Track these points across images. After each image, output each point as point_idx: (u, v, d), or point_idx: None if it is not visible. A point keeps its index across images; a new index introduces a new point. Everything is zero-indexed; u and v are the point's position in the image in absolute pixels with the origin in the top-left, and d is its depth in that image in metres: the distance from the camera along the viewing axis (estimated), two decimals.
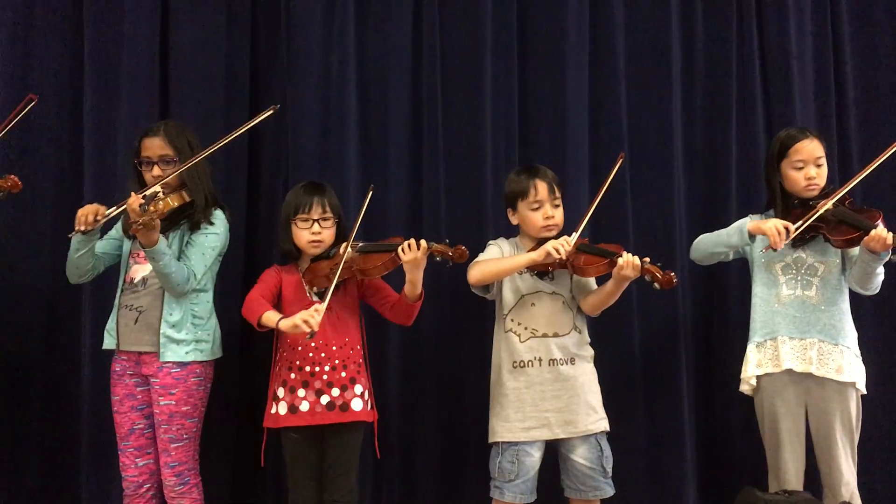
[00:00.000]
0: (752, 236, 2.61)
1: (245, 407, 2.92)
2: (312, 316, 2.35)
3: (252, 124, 2.64)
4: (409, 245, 2.45)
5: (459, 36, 3.12)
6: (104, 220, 2.46)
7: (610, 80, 3.17)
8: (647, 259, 2.52)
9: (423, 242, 2.45)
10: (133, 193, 2.36)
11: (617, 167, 2.73)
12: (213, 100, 2.99)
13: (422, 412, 3.02)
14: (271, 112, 2.60)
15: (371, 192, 2.59)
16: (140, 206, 2.29)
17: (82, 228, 2.43)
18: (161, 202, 2.38)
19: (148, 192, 2.37)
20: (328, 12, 3.04)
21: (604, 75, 3.17)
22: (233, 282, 2.85)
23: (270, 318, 2.43)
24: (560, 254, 2.49)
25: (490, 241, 2.77)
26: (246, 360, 2.93)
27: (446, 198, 3.07)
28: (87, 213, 2.44)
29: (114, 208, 2.46)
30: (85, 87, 2.94)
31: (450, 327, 3.02)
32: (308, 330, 2.34)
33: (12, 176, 2.36)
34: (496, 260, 2.64)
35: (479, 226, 3.04)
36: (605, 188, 2.69)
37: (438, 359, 3.04)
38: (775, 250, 2.54)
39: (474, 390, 2.96)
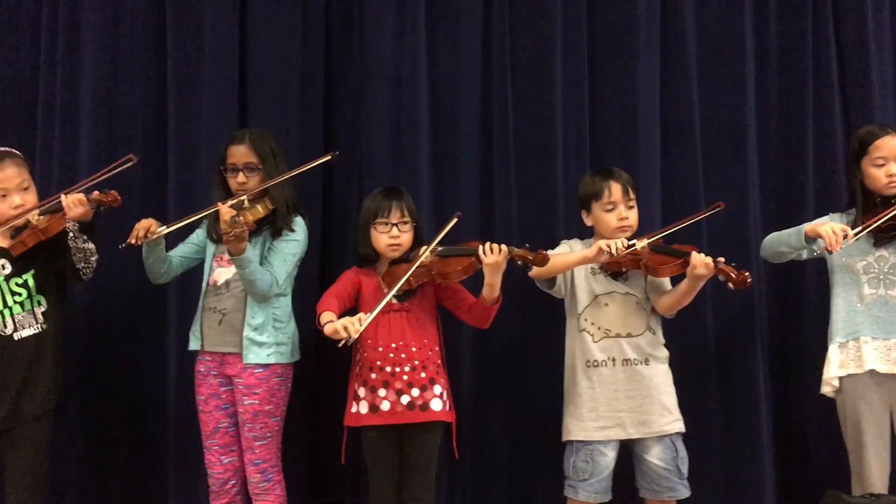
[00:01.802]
0: (810, 238, 2.58)
1: (320, 407, 3.00)
2: (353, 324, 2.35)
3: (310, 166, 2.74)
4: (489, 249, 2.49)
5: (529, 37, 3.13)
6: (157, 236, 2.53)
7: (682, 78, 3.15)
8: (722, 259, 2.51)
9: (503, 246, 2.48)
10: (220, 204, 2.44)
11: (711, 212, 2.75)
12: (289, 109, 3.06)
13: (493, 411, 3.05)
14: (329, 157, 2.72)
15: (456, 220, 2.62)
16: (231, 217, 2.36)
17: (132, 242, 2.51)
18: (250, 213, 2.46)
19: (235, 202, 2.44)
20: (399, 18, 3.09)
21: (675, 73, 3.16)
22: (309, 286, 2.91)
23: (324, 317, 2.47)
24: (612, 251, 2.49)
25: (563, 241, 2.79)
26: (321, 361, 3.00)
27: (518, 200, 3.09)
28: (141, 228, 2.51)
29: (164, 227, 2.55)
30: (168, 100, 3.05)
31: (520, 327, 3.04)
32: (344, 336, 2.34)
33: (113, 191, 2.46)
34: (554, 256, 2.66)
35: (550, 227, 3.05)
36: (692, 220, 2.72)
37: (509, 358, 3.06)
38: (830, 252, 2.50)
39: (545, 389, 2.99)
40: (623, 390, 2.60)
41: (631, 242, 2.57)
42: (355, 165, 3.09)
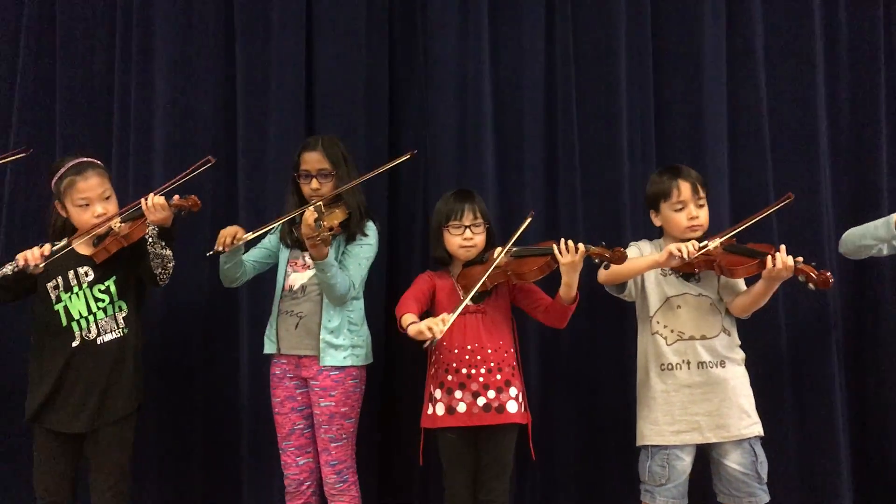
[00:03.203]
0: None
1: (389, 409, 3.02)
2: (437, 324, 2.36)
3: (391, 165, 2.78)
4: (565, 247, 2.48)
5: (592, 37, 3.13)
6: (241, 242, 2.57)
7: (749, 74, 3.11)
8: (801, 259, 2.46)
9: (580, 245, 2.48)
10: (306, 209, 2.47)
11: (782, 204, 2.69)
12: (355, 113, 3.10)
13: (561, 413, 3.04)
14: (409, 157, 2.73)
15: (530, 219, 2.62)
16: (315, 221, 2.39)
17: (220, 249, 2.55)
18: (330, 217, 2.48)
19: (314, 206, 2.47)
20: (463, 20, 3.11)
21: (742, 70, 3.12)
22: (377, 290, 2.94)
23: (405, 320, 2.48)
24: (683, 255, 2.46)
25: (632, 243, 2.76)
26: (391, 363, 3.02)
27: (583, 200, 3.09)
28: (227, 234, 2.55)
29: (250, 234, 2.59)
30: (237, 107, 3.10)
31: (588, 328, 3.02)
32: (429, 336, 2.34)
33: (193, 196, 2.51)
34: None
35: (616, 228, 3.03)
36: (762, 214, 2.67)
37: (576, 359, 3.05)
38: None
39: (614, 391, 2.99)
40: (699, 394, 2.56)
41: (703, 243, 2.53)
42: (420, 170, 3.10)
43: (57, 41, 3.10)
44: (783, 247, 2.47)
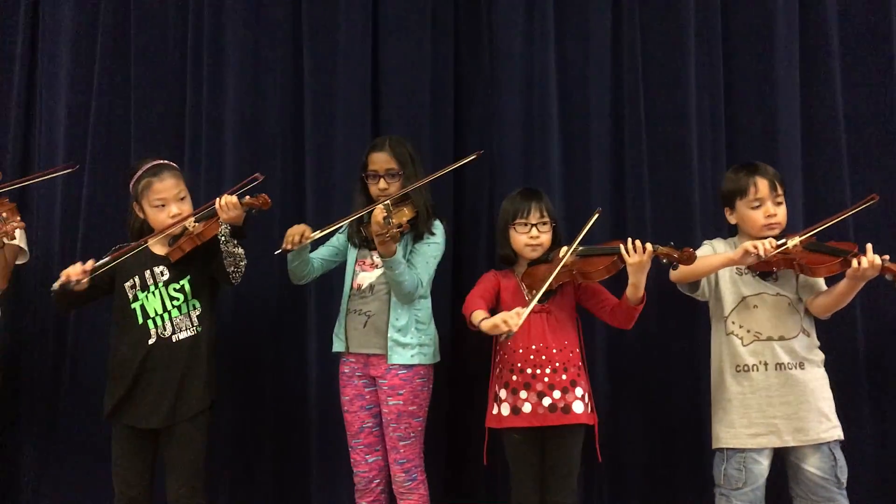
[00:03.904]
0: None
1: (454, 408, 3.01)
2: (512, 317, 2.35)
3: (458, 165, 2.78)
4: (633, 247, 2.44)
5: (660, 33, 3.08)
6: (309, 241, 2.60)
7: (823, 69, 3.03)
8: (887, 257, 2.38)
9: (647, 245, 2.44)
10: (378, 207, 2.48)
11: (865, 205, 2.62)
12: (421, 113, 3.10)
13: (629, 414, 3.00)
14: (475, 157, 2.73)
15: (597, 215, 2.59)
16: (384, 218, 2.41)
17: (288, 248, 2.57)
18: (398, 216, 2.49)
19: (382, 205, 2.49)
20: (528, 19, 3.09)
21: (816, 66, 3.04)
22: (442, 289, 2.93)
23: (477, 316, 2.47)
24: (760, 253, 2.39)
25: (705, 241, 2.71)
26: (455, 362, 3.02)
27: (651, 200, 3.04)
28: (295, 233, 2.58)
29: (318, 231, 2.61)
30: (305, 109, 3.14)
31: (658, 328, 2.97)
32: (506, 329, 2.34)
33: (263, 195, 2.54)
34: (698, 258, 2.58)
35: (686, 226, 2.98)
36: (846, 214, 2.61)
37: (645, 359, 3.00)
38: None
39: (685, 392, 2.94)
40: (777, 396, 2.49)
41: (781, 241, 2.46)
42: (486, 169, 3.09)
43: (131, 47, 3.18)
44: (869, 245, 2.39)
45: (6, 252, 2.68)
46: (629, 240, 2.48)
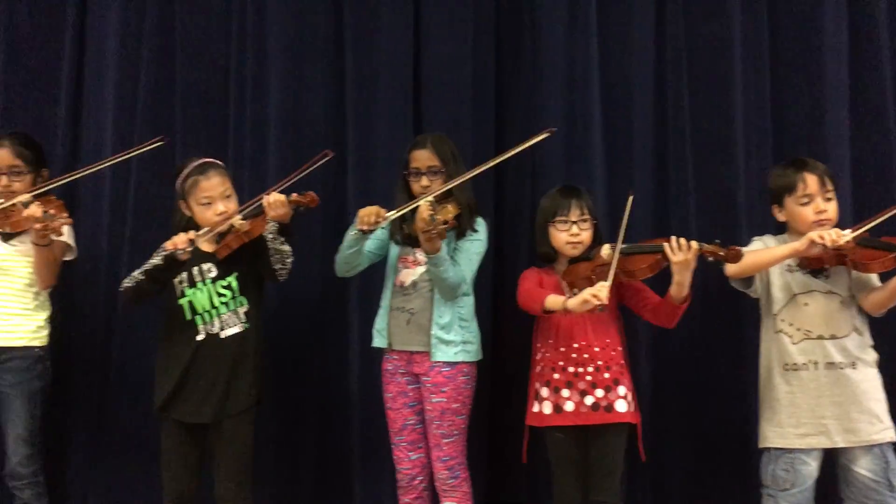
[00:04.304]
0: None
1: (495, 405, 3.01)
2: (601, 290, 2.34)
3: (523, 147, 2.74)
4: (677, 245, 2.42)
5: (705, 29, 3.04)
6: (384, 222, 2.57)
7: (873, 71, 2.97)
8: None
9: (693, 243, 2.41)
10: (424, 204, 2.48)
11: None
12: (462, 111, 3.10)
13: (673, 413, 2.97)
14: (547, 135, 2.72)
15: (631, 197, 2.57)
16: (430, 216, 2.41)
17: (364, 228, 2.54)
18: (443, 212, 2.49)
19: (426, 201, 2.48)
20: (571, 15, 3.07)
21: (865, 60, 2.98)
22: (483, 287, 2.92)
23: (554, 301, 2.46)
24: (826, 243, 2.34)
25: (755, 238, 2.67)
26: (498, 360, 3.01)
27: (695, 198, 3.01)
28: (370, 213, 2.53)
29: (393, 212, 2.59)
30: (346, 105, 3.15)
31: (702, 327, 2.94)
32: (598, 302, 2.32)
33: (311, 192, 2.56)
34: (756, 251, 2.54)
35: (730, 226, 2.94)
36: None
37: (689, 358, 2.97)
38: None
39: (730, 391, 2.90)
40: (827, 396, 2.45)
41: (845, 232, 2.41)
42: (527, 167, 3.08)
43: (176, 45, 3.22)
44: None
45: (54, 249, 2.73)
46: (673, 238, 2.45)
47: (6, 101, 3.23)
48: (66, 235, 2.78)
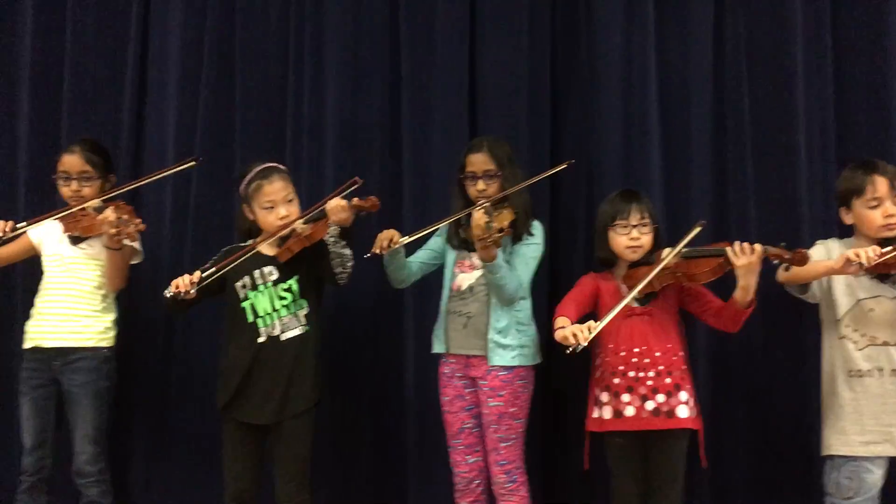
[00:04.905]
0: None
1: (552, 410, 3.00)
2: (583, 331, 2.29)
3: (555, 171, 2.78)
4: (741, 248, 2.39)
5: (765, 28, 3.00)
6: (398, 245, 2.61)
7: None
8: None
9: (757, 246, 2.38)
10: (475, 210, 2.50)
11: None
12: (518, 114, 3.10)
13: (732, 419, 2.93)
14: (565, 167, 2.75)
15: (699, 229, 2.53)
16: (485, 223, 2.42)
17: (377, 251, 2.60)
18: (500, 218, 2.49)
19: (482, 207, 2.49)
20: (628, 15, 3.05)
21: None
22: (539, 292, 2.91)
23: (556, 323, 2.45)
24: (862, 261, 2.30)
25: (818, 242, 2.63)
26: (555, 365, 3.00)
27: (756, 201, 2.97)
28: (384, 238, 2.60)
29: (406, 237, 2.64)
30: (402, 109, 3.17)
31: (763, 331, 2.90)
32: (572, 343, 2.27)
33: (372, 197, 2.59)
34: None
35: (792, 230, 2.89)
36: None
37: (749, 364, 2.93)
38: None
39: (791, 397, 2.86)
40: (892, 403, 2.41)
41: (887, 249, 2.34)
42: (583, 170, 3.06)
43: (236, 52, 3.27)
44: None
45: (124, 252, 2.80)
46: (736, 242, 2.42)
47: (74, 110, 3.31)
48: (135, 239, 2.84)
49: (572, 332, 2.31)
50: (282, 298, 2.65)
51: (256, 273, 2.66)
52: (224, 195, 3.13)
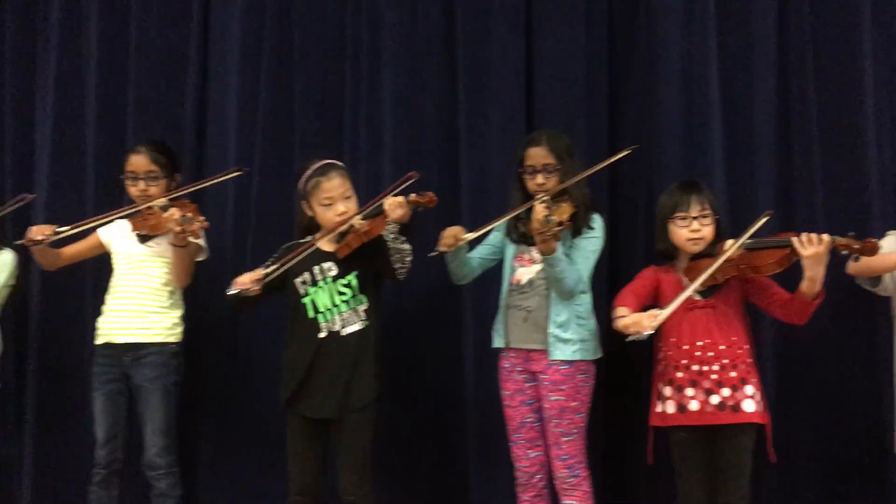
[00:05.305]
0: None
1: (613, 404, 2.97)
2: (646, 319, 2.28)
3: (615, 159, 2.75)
4: (808, 239, 2.33)
5: (832, 12, 2.92)
6: (463, 242, 2.62)
7: None
8: None
9: (824, 236, 2.32)
10: (535, 204, 2.48)
11: None
12: (575, 106, 3.07)
13: (801, 414, 2.87)
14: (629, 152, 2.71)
15: (766, 218, 2.49)
16: (545, 217, 2.41)
17: (443, 250, 2.61)
18: (560, 212, 2.48)
19: (541, 201, 2.48)
20: (688, 5, 3.00)
21: None
22: (598, 284, 2.87)
23: (616, 312, 2.44)
24: None
25: (888, 232, 2.55)
26: (614, 359, 2.97)
27: (823, 191, 2.89)
28: (449, 236, 2.62)
29: (471, 234, 2.64)
30: (459, 104, 3.17)
31: (832, 325, 2.82)
32: (633, 331, 2.28)
33: (430, 193, 2.60)
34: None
35: (861, 221, 2.80)
36: None
37: (818, 358, 2.87)
38: None
39: (862, 393, 2.79)
40: None
41: None
42: (643, 161, 3.02)
43: (294, 51, 3.31)
44: None
45: (190, 250, 2.86)
46: (804, 233, 2.37)
47: (139, 112, 3.40)
48: (200, 237, 2.90)
49: (634, 320, 2.29)
50: (341, 294, 2.68)
51: (316, 269, 2.69)
52: (284, 192, 3.16)
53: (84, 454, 3.14)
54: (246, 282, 2.58)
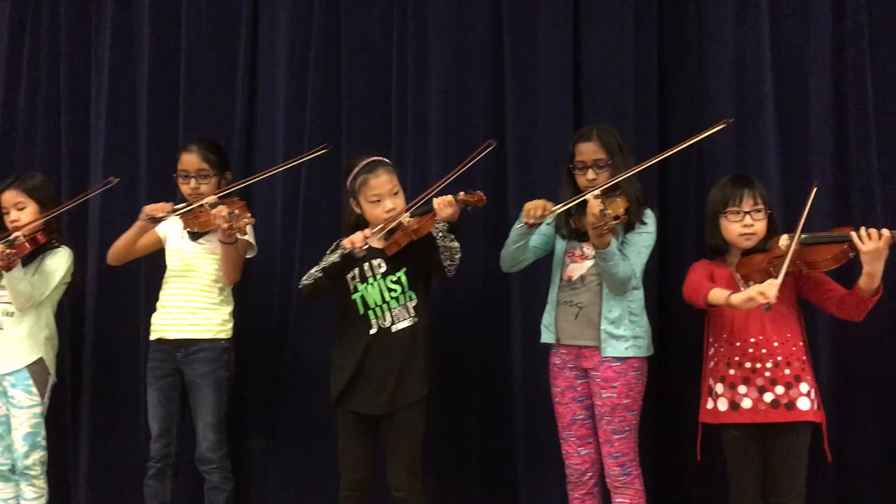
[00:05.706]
0: None
1: (663, 402, 2.94)
2: (769, 287, 2.24)
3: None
4: (867, 234, 2.29)
5: (890, 4, 2.84)
6: (550, 215, 2.57)
7: None
8: None
9: (884, 231, 2.27)
10: (596, 199, 2.46)
11: None
12: (624, 101, 3.04)
13: (859, 413, 2.81)
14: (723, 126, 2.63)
15: (815, 189, 2.45)
16: (600, 211, 2.39)
17: (529, 221, 2.55)
18: (613, 206, 2.46)
19: (592, 195, 2.46)
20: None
21: None
22: (649, 280, 2.84)
23: (718, 294, 2.39)
24: None
25: None
26: (665, 356, 2.94)
27: (881, 184, 2.82)
28: (537, 206, 2.53)
29: (560, 205, 2.58)
30: (506, 99, 3.16)
31: (892, 320, 2.75)
32: (764, 301, 2.24)
33: (479, 192, 2.60)
34: None
35: None
36: None
37: (878, 354, 2.80)
38: None
39: None
40: None
41: None
42: (694, 155, 2.97)
43: (341, 49, 3.33)
44: None
45: (239, 246, 2.90)
46: (862, 228, 2.31)
47: (190, 113, 3.45)
48: (249, 234, 2.94)
49: (758, 290, 2.27)
50: (391, 290, 2.69)
51: (365, 265, 2.71)
52: (332, 189, 3.19)
53: (139, 449, 3.21)
54: (357, 240, 2.57)
